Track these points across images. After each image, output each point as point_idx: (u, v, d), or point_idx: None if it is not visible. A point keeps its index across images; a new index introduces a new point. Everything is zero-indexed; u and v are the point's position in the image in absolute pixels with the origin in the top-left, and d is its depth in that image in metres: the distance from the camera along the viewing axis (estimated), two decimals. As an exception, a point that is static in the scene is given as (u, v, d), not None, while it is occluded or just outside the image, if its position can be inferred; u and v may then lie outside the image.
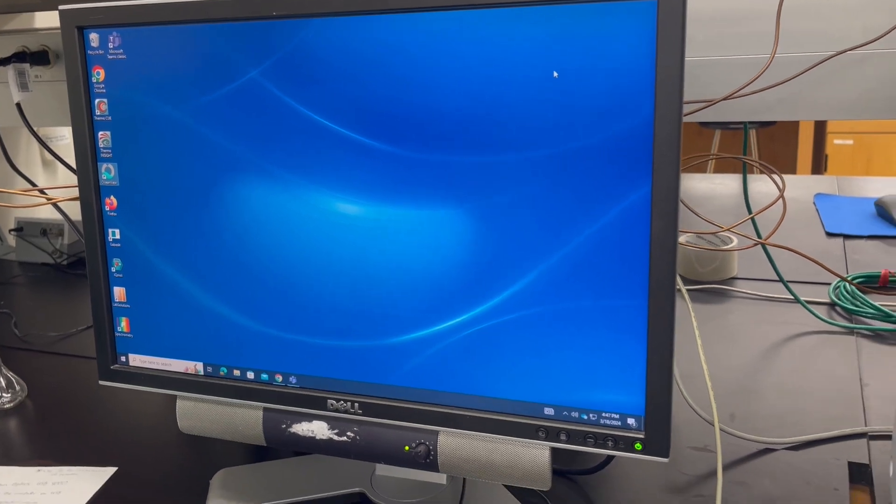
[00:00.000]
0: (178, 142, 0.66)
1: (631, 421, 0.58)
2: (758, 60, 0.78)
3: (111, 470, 0.82)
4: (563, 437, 0.60)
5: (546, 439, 0.60)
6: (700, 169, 2.97)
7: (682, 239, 1.27)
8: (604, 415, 0.59)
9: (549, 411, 0.60)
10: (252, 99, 0.63)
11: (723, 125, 2.86)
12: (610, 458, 0.78)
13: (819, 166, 3.22)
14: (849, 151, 3.08)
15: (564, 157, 0.56)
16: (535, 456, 0.61)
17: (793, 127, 3.33)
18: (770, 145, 3.56)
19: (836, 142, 3.09)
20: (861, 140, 3.06)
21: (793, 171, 3.37)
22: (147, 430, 0.90)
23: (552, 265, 0.58)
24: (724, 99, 0.77)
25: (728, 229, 1.06)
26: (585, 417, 0.60)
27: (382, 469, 0.77)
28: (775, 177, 0.96)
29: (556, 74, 0.55)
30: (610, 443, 0.59)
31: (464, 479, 0.75)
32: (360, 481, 0.77)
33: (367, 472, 0.77)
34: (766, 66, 0.76)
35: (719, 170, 2.91)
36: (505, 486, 0.76)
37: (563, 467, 0.79)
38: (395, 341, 0.63)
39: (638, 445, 0.58)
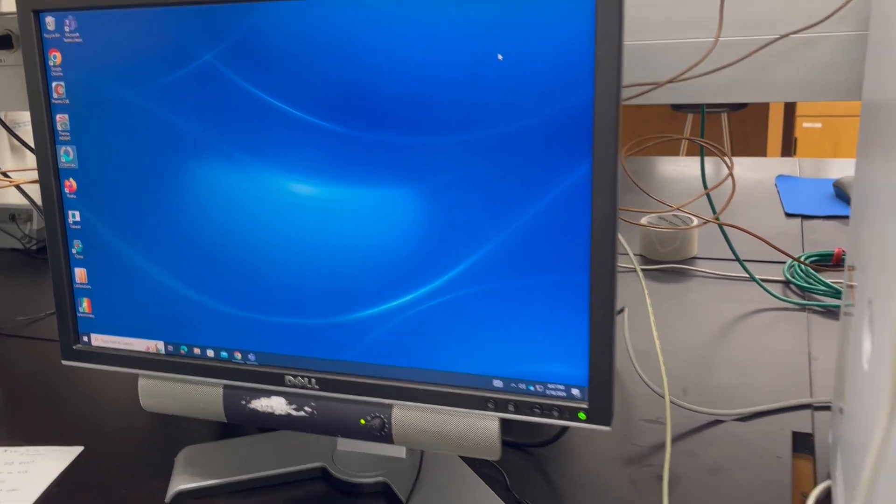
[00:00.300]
0: (135, 124, 0.67)
1: (575, 391, 0.61)
2: (709, 44, 0.80)
3: (78, 449, 0.84)
4: (511, 407, 0.62)
5: (495, 410, 0.63)
6: (673, 152, 3.00)
7: (643, 220, 1.29)
8: (549, 386, 0.61)
9: (497, 384, 0.63)
10: (207, 82, 0.64)
11: (693, 108, 2.89)
12: (563, 430, 0.80)
13: (789, 149, 3.26)
14: (817, 134, 3.13)
15: (508, 138, 0.58)
16: (485, 427, 0.63)
17: (763, 110, 3.38)
18: (741, 128, 3.60)
19: (805, 125, 3.13)
20: (829, 123, 3.11)
21: (763, 153, 3.42)
22: (113, 409, 0.92)
23: (499, 243, 0.60)
24: (669, 82, 0.79)
25: (677, 208, 1.09)
26: (532, 389, 0.62)
27: (343, 444, 0.78)
28: (725, 158, 0.98)
29: (500, 57, 0.57)
30: (555, 413, 0.61)
31: (422, 452, 0.77)
32: (321, 457, 0.79)
33: (328, 447, 0.79)
34: (710, 49, 0.79)
35: (692, 153, 2.94)
36: (462, 458, 0.78)
37: (519, 440, 0.81)
38: (350, 318, 0.65)
39: (582, 415, 0.60)
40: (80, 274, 0.73)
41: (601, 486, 0.74)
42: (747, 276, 1.15)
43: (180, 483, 0.76)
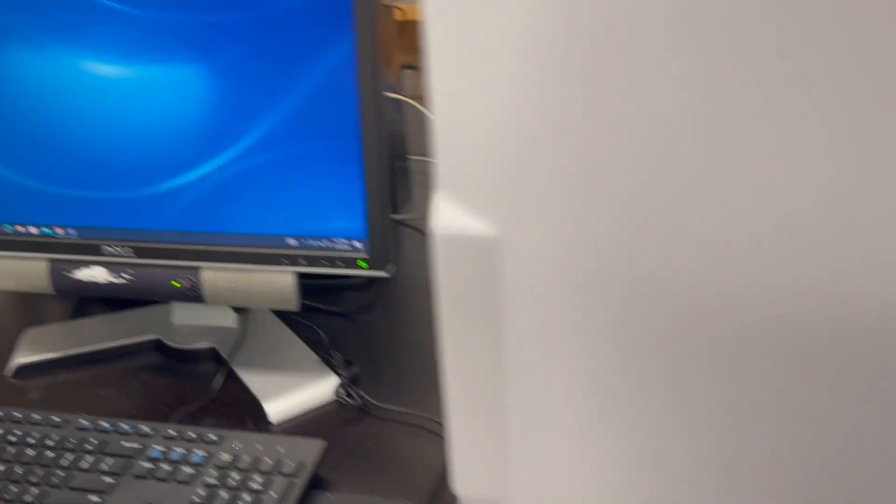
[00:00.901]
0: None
1: (356, 244, 0.70)
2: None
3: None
4: (303, 262, 0.71)
5: (290, 265, 0.71)
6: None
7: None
8: (335, 241, 0.70)
9: (291, 242, 0.71)
10: (9, -29, 0.68)
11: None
12: (371, 282, 0.89)
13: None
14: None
15: (282, 16, 0.65)
16: (283, 280, 0.72)
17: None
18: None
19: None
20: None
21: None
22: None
23: (280, 116, 0.67)
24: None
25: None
26: (321, 244, 0.70)
27: (177, 318, 0.86)
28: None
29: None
30: (341, 263, 0.70)
31: (248, 321, 0.86)
32: (156, 330, 0.86)
33: (163, 321, 0.87)
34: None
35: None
36: (287, 325, 0.87)
37: (341, 309, 0.90)
38: (157, 190, 0.72)
39: (363, 263, 0.70)
40: None
41: (411, 335, 0.84)
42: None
43: (21, 357, 0.82)
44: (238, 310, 0.86)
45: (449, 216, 0.28)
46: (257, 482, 0.63)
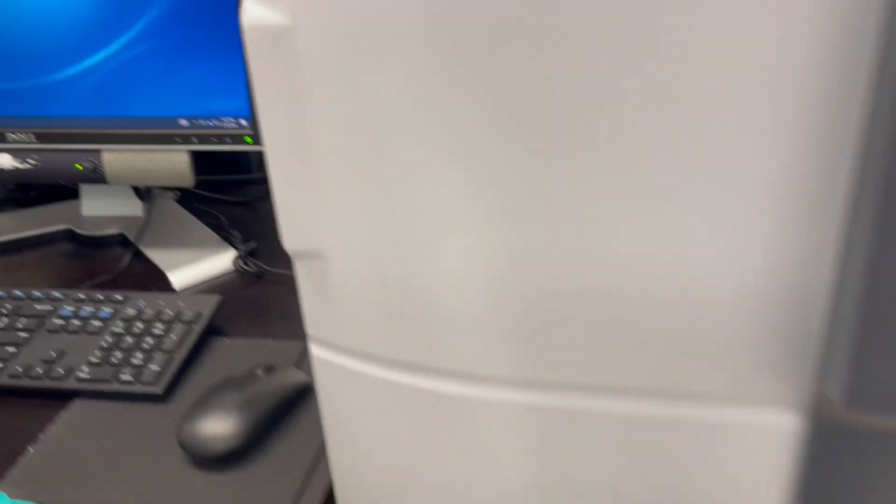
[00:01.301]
0: None
1: (242, 122, 0.77)
2: None
3: None
4: (194, 140, 0.78)
5: (183, 143, 0.78)
6: None
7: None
8: (223, 120, 0.77)
9: (182, 122, 0.78)
10: None
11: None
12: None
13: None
14: None
15: None
16: (178, 159, 0.79)
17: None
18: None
19: None
20: None
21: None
22: None
23: (164, 4, 0.74)
24: None
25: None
26: (211, 123, 0.78)
27: (86, 209, 0.93)
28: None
29: None
30: (229, 140, 0.78)
31: (153, 208, 0.93)
32: (67, 220, 0.93)
33: (74, 212, 0.93)
34: None
35: None
36: (188, 210, 0.94)
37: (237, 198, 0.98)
38: (54, 78, 0.78)
39: (248, 139, 0.77)
40: None
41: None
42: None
43: (-63, 248, 0.88)
44: (143, 198, 0.93)
45: (252, 8, 0.36)
46: (159, 329, 0.71)
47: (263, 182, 1.02)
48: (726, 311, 0.35)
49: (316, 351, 0.45)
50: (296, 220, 0.41)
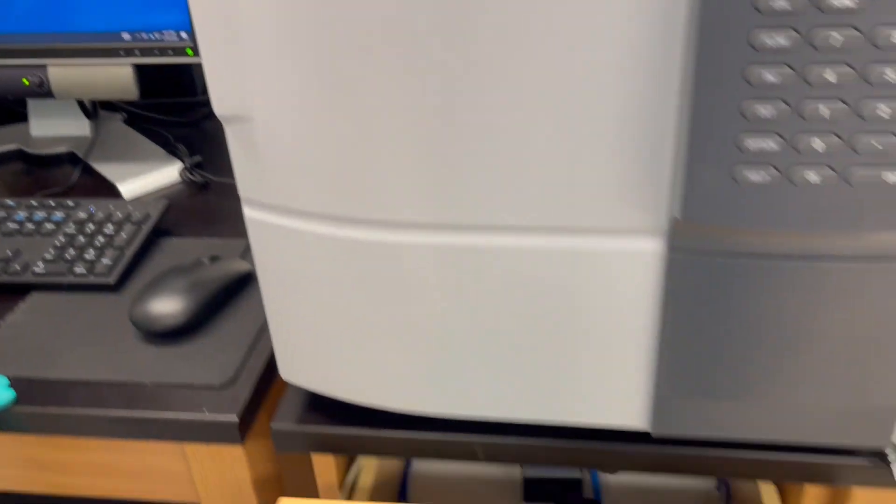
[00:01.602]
0: None
1: (183, 35, 0.81)
2: None
3: None
4: (137, 52, 0.82)
5: (127, 56, 0.82)
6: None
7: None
8: (164, 33, 0.81)
9: (125, 36, 0.81)
10: None
11: None
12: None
13: None
14: None
15: None
16: (122, 73, 0.83)
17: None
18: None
19: None
20: None
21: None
22: None
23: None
24: None
25: None
26: (153, 37, 0.81)
27: (35, 130, 0.96)
28: None
29: None
30: (171, 52, 0.81)
31: (101, 127, 0.96)
32: (17, 140, 0.96)
33: (23, 133, 0.96)
34: None
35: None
36: (137, 132, 0.98)
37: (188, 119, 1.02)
38: (-2, -7, 0.80)
39: (189, 51, 0.81)
40: None
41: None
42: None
43: None
44: (91, 117, 0.97)
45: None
46: (110, 229, 0.75)
47: (208, 104, 1.05)
48: (596, 155, 0.41)
49: (249, 213, 0.50)
50: (223, 85, 0.46)
